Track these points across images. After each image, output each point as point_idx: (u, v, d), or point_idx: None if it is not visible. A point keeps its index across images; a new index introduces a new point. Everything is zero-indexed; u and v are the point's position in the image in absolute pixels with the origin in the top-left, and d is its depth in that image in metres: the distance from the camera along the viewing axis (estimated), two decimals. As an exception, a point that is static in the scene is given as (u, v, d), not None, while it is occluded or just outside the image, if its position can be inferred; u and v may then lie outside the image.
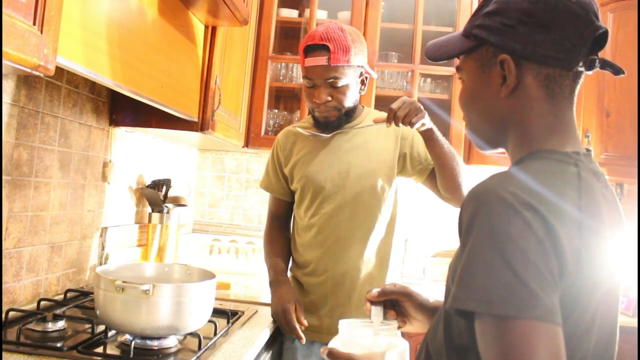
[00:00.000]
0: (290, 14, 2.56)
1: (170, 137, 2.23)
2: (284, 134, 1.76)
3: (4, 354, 1.10)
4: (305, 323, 1.52)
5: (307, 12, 2.50)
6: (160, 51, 1.50)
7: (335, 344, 0.89)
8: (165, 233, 2.07)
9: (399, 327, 0.99)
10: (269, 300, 1.63)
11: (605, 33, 0.75)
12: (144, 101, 1.46)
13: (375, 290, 0.98)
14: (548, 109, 0.77)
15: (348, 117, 1.64)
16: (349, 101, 1.59)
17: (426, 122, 1.43)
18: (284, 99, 2.74)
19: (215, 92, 1.81)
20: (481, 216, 0.65)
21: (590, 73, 0.78)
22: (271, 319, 1.58)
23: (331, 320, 1.60)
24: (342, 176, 1.62)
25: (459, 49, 0.84)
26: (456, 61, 0.88)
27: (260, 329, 1.48)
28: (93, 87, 1.71)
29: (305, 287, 1.66)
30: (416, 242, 2.65)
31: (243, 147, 2.37)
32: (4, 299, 1.37)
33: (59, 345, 1.16)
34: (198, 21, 1.73)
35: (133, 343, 1.16)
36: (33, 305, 1.43)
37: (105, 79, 1.24)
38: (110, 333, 1.26)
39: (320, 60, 1.53)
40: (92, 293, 1.37)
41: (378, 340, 0.89)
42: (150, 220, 2.08)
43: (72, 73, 1.39)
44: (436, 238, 2.68)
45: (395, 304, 1.00)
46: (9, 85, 1.33)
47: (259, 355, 1.42)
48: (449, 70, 2.43)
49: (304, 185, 1.65)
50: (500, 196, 0.65)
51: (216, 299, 1.38)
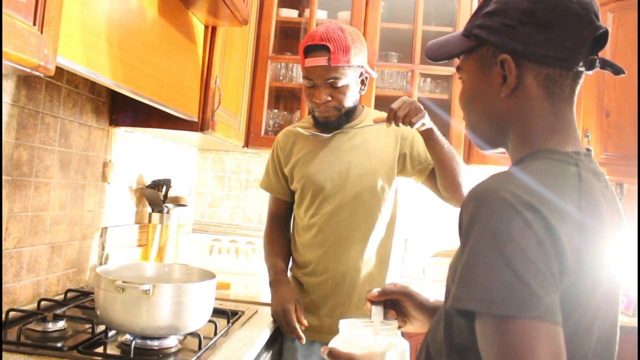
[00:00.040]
0: (290, 14, 2.56)
1: (170, 137, 2.23)
2: (284, 134, 1.76)
3: (4, 354, 1.09)
4: (306, 323, 1.52)
5: (307, 12, 2.50)
6: (160, 51, 1.50)
7: (335, 343, 0.89)
8: (165, 233, 2.07)
9: (399, 327, 0.99)
10: (269, 300, 1.63)
11: (606, 33, 0.75)
12: (144, 101, 1.46)
13: (375, 290, 0.98)
14: (548, 109, 0.77)
15: (348, 117, 1.64)
16: (349, 101, 1.59)
17: (426, 122, 1.43)
18: (284, 99, 2.74)
19: (215, 92, 1.81)
20: (481, 216, 0.65)
21: (590, 73, 0.78)
22: (271, 319, 1.58)
23: (331, 320, 1.60)
24: (342, 176, 1.62)
25: (459, 48, 0.84)
26: (456, 61, 0.88)
27: (260, 329, 1.48)
28: (93, 87, 1.71)
29: (306, 287, 1.66)
30: (416, 242, 2.65)
31: (243, 147, 2.37)
32: (4, 299, 1.37)
33: (59, 345, 1.16)
34: (198, 21, 1.73)
35: (133, 343, 1.16)
36: (33, 306, 1.43)
37: (105, 79, 1.24)
38: (111, 333, 1.26)
39: (320, 60, 1.53)
40: (93, 293, 1.37)
41: (378, 340, 0.90)
42: (150, 220, 2.08)
43: (72, 73, 1.39)
44: (436, 238, 2.68)
45: (396, 303, 1.00)
46: (9, 86, 1.33)
47: (259, 355, 1.42)
48: (448, 70, 2.43)
49: (304, 185, 1.65)
50: (501, 196, 0.65)
51: (216, 299, 1.38)
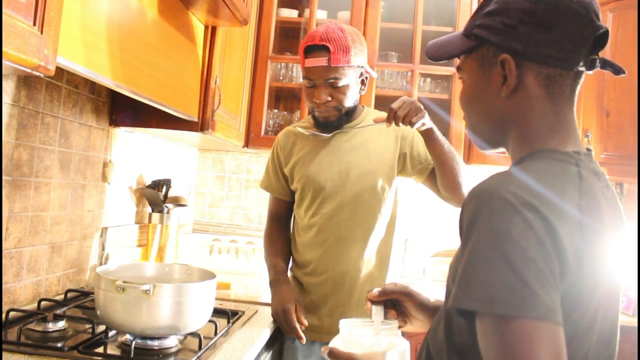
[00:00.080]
0: (290, 14, 2.56)
1: (170, 137, 2.23)
2: (284, 134, 1.76)
3: (5, 354, 1.09)
4: (306, 323, 1.52)
5: (307, 12, 2.50)
6: (160, 51, 1.50)
7: (336, 343, 0.89)
8: (166, 233, 2.07)
9: (400, 327, 0.99)
10: (269, 300, 1.63)
11: (606, 33, 0.75)
12: (144, 101, 1.46)
13: (376, 290, 0.98)
14: (549, 109, 0.77)
15: (348, 117, 1.64)
16: (349, 101, 1.59)
17: (426, 122, 1.43)
18: (284, 99, 2.74)
19: (215, 92, 1.81)
20: (482, 216, 0.65)
21: (590, 73, 0.78)
22: (271, 319, 1.58)
23: (331, 320, 1.60)
24: (342, 176, 1.62)
25: (459, 48, 0.84)
26: (456, 61, 0.88)
27: (260, 328, 1.49)
28: (93, 88, 1.71)
29: (306, 287, 1.66)
30: (416, 242, 2.65)
31: (243, 147, 2.37)
32: (5, 299, 1.37)
33: (59, 345, 1.16)
34: (198, 21, 1.73)
35: (133, 343, 1.16)
36: (33, 306, 1.43)
37: (105, 79, 1.24)
38: (111, 333, 1.26)
39: (320, 60, 1.53)
40: (93, 293, 1.37)
41: (379, 340, 0.89)
42: (150, 220, 2.08)
43: (72, 73, 1.39)
44: (436, 238, 2.68)
45: (396, 303, 1.00)
46: (9, 86, 1.33)
47: (259, 355, 1.42)
48: (448, 70, 2.43)
49: (304, 185, 1.65)
50: (501, 196, 0.65)
51: (216, 299, 1.38)
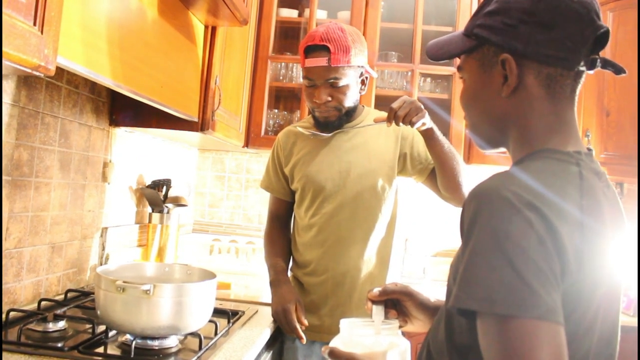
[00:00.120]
0: (290, 13, 2.56)
1: (170, 137, 2.23)
2: (284, 134, 1.76)
3: (5, 354, 1.09)
4: (306, 323, 1.52)
5: (307, 12, 2.49)
6: (160, 51, 1.50)
7: (336, 343, 0.89)
8: (166, 233, 2.07)
9: (400, 327, 0.99)
10: (269, 300, 1.63)
11: (607, 32, 0.75)
12: (144, 101, 1.46)
13: (376, 290, 0.97)
14: (549, 109, 0.77)
15: (348, 117, 1.64)
16: (349, 101, 1.59)
17: (426, 122, 1.43)
18: (284, 99, 2.74)
19: (215, 92, 1.81)
20: (483, 216, 0.65)
21: (591, 72, 0.78)
22: (272, 319, 1.58)
23: (332, 319, 1.60)
24: (343, 176, 1.62)
25: (460, 48, 0.84)
26: (457, 61, 0.88)
27: (260, 328, 1.48)
28: (93, 88, 1.71)
29: (306, 287, 1.66)
30: (416, 242, 2.65)
31: (243, 147, 2.37)
32: (5, 299, 1.37)
33: (59, 345, 1.16)
34: (198, 21, 1.73)
35: (134, 343, 1.16)
36: (34, 306, 1.43)
37: (106, 79, 1.24)
38: (111, 333, 1.26)
39: (320, 61, 1.53)
40: (93, 293, 1.37)
41: (379, 340, 0.89)
42: (150, 221, 2.08)
43: (72, 73, 1.38)
44: (436, 238, 2.68)
45: (397, 303, 1.00)
46: (9, 86, 1.33)
47: (259, 355, 1.42)
48: (448, 69, 2.43)
49: (305, 185, 1.65)
50: (502, 196, 0.65)
51: (216, 299, 1.38)
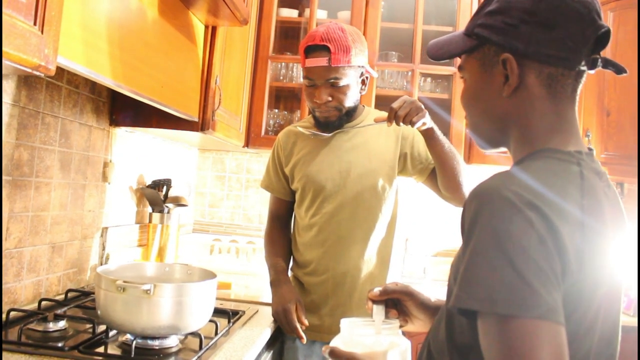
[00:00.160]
0: (290, 13, 2.56)
1: (171, 137, 2.23)
2: (284, 134, 1.76)
3: (5, 354, 1.09)
4: (306, 322, 1.52)
5: (307, 12, 2.49)
6: (161, 51, 1.50)
7: (336, 343, 0.89)
8: (166, 233, 2.07)
9: (401, 326, 0.99)
10: (269, 300, 1.63)
11: (608, 32, 0.75)
12: (144, 101, 1.46)
13: (376, 289, 0.97)
14: (550, 108, 0.77)
15: (349, 117, 1.64)
16: (350, 101, 1.59)
17: (427, 121, 1.43)
18: (284, 98, 2.73)
19: (215, 92, 1.81)
20: (484, 215, 0.65)
21: (592, 72, 0.78)
22: (272, 319, 1.58)
23: (332, 319, 1.60)
24: (343, 175, 1.62)
25: (461, 48, 0.84)
26: (457, 60, 0.88)
27: (261, 328, 1.48)
28: (93, 87, 1.71)
29: (306, 287, 1.66)
30: (417, 242, 2.65)
31: (243, 147, 2.37)
32: (5, 299, 1.37)
33: (60, 345, 1.16)
34: (198, 21, 1.73)
35: (134, 343, 1.16)
36: (34, 305, 1.43)
37: (106, 79, 1.24)
38: (111, 333, 1.26)
39: (321, 61, 1.52)
40: (93, 293, 1.37)
41: (380, 339, 0.89)
42: (150, 220, 2.08)
43: (73, 73, 1.38)
44: (437, 237, 2.68)
45: (397, 303, 1.00)
46: (9, 86, 1.33)
47: (260, 354, 1.42)
48: (449, 69, 2.43)
49: (305, 184, 1.65)
50: (503, 195, 0.65)
51: (217, 298, 1.38)
